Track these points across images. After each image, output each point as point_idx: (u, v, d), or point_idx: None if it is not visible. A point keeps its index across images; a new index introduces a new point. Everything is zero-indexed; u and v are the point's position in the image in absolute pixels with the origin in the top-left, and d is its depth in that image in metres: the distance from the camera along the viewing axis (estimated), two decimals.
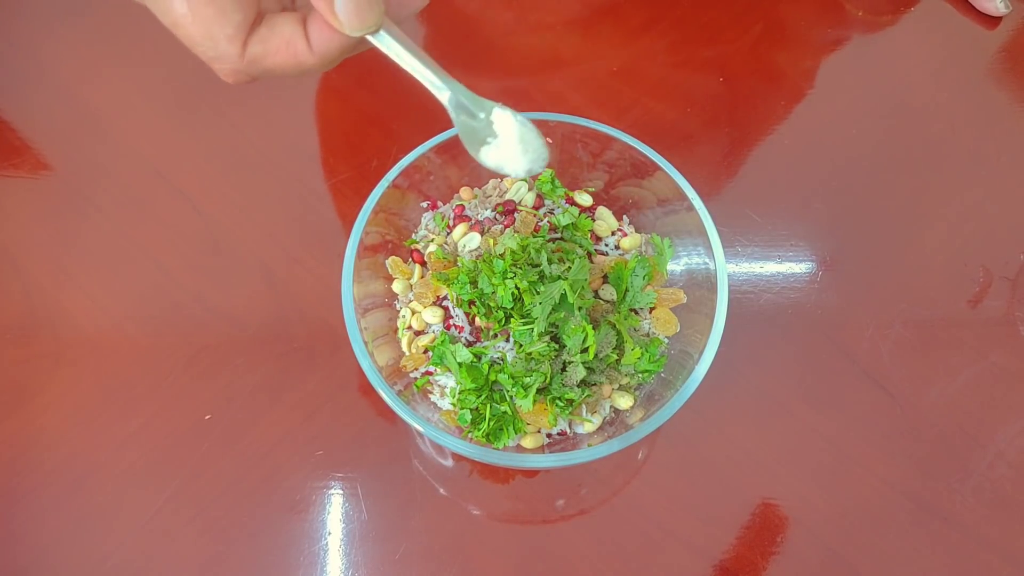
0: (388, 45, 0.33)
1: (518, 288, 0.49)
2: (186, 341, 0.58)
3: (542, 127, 0.54)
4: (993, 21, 0.76)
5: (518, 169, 0.37)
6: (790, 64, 0.74)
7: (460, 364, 0.49)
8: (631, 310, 0.52)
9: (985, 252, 0.63)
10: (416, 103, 0.69)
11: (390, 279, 0.54)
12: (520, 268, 0.50)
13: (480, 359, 0.50)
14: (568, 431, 0.50)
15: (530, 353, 0.48)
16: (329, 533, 0.51)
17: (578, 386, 0.49)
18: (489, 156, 0.37)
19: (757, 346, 0.58)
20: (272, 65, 0.33)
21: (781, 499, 0.53)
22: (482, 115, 0.36)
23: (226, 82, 0.34)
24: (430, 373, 0.51)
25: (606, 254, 0.56)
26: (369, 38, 0.33)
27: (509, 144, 0.37)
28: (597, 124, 0.53)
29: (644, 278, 0.52)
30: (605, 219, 0.57)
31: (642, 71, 0.72)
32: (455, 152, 0.54)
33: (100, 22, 0.73)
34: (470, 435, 0.48)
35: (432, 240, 0.56)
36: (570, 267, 0.50)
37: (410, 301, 0.54)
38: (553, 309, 0.48)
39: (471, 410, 0.49)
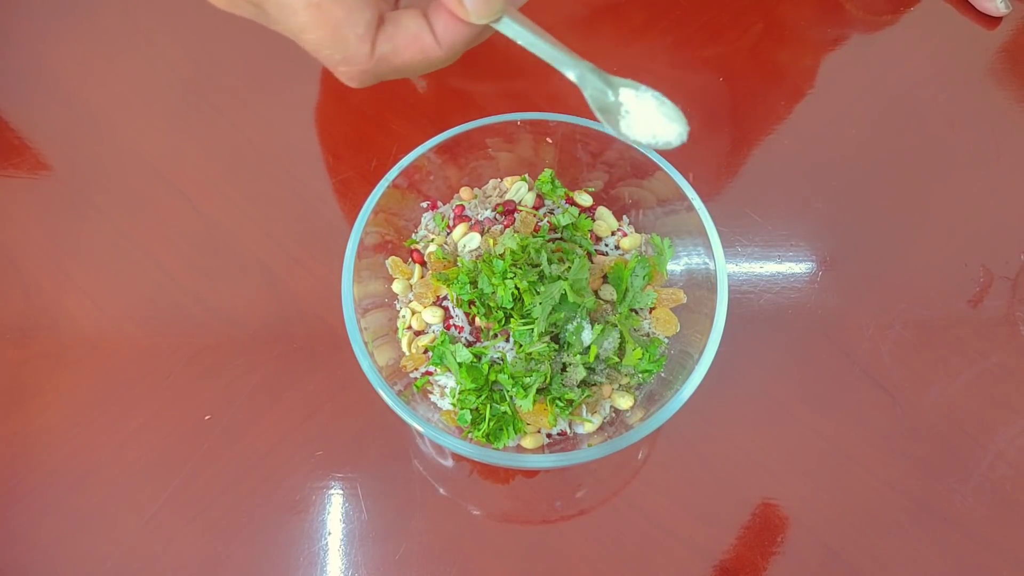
0: (513, 30, 0.33)
1: (518, 288, 0.49)
2: (186, 341, 0.58)
3: (542, 127, 0.54)
4: (993, 21, 0.76)
5: (670, 138, 0.38)
6: (790, 64, 0.74)
7: (460, 364, 0.49)
8: (631, 310, 0.52)
9: (985, 252, 0.63)
10: (416, 103, 0.69)
11: (390, 279, 0.54)
12: (520, 268, 0.50)
13: (480, 359, 0.50)
14: (568, 431, 0.50)
15: (530, 353, 0.48)
16: (329, 533, 0.51)
17: (578, 386, 0.49)
18: (631, 129, 0.37)
19: (757, 346, 0.58)
20: (401, 63, 0.33)
21: (781, 499, 0.53)
22: (611, 92, 0.37)
23: (351, 87, 0.34)
24: (430, 373, 0.51)
25: (606, 254, 0.56)
26: (494, 25, 0.33)
27: (648, 116, 0.37)
28: (597, 124, 0.53)
29: (644, 278, 0.52)
30: (605, 219, 0.57)
31: (642, 71, 0.72)
32: (455, 152, 0.54)
33: (100, 22, 0.73)
34: (470, 435, 0.48)
35: (432, 240, 0.56)
36: (570, 267, 0.50)
37: (410, 301, 0.54)
38: (553, 309, 0.48)
39: (471, 410, 0.49)
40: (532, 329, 0.48)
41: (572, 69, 0.36)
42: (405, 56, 0.32)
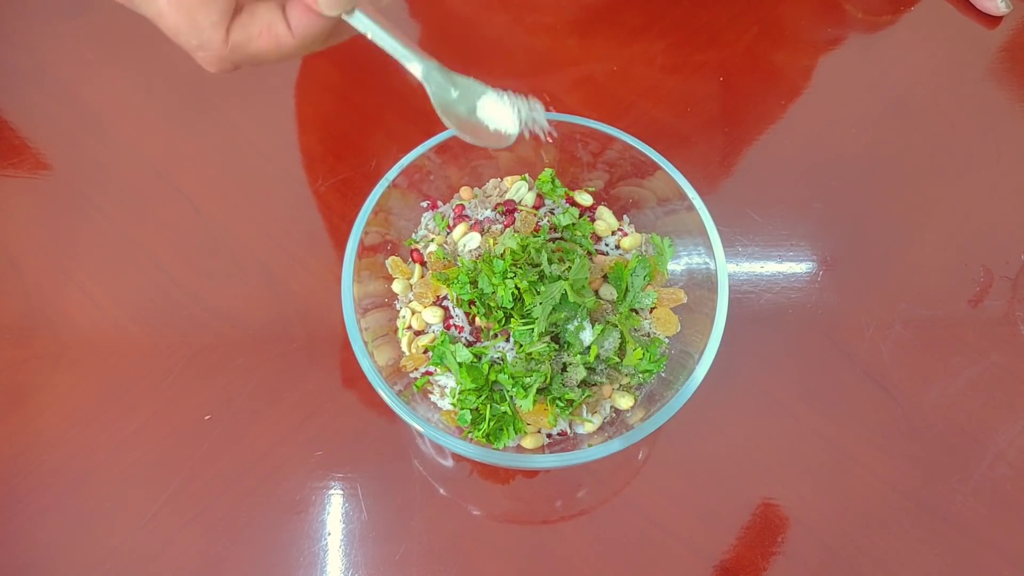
0: (364, 24, 0.35)
1: (518, 288, 0.49)
2: (186, 341, 0.58)
3: None
4: (993, 21, 0.76)
5: (502, 142, 0.40)
6: (789, 64, 0.74)
7: (460, 364, 0.49)
8: (632, 310, 0.52)
9: (985, 252, 0.63)
10: (416, 103, 0.69)
11: (390, 279, 0.54)
12: (520, 268, 0.50)
13: (480, 359, 0.50)
14: (568, 431, 0.50)
15: (530, 353, 0.48)
16: (329, 533, 0.51)
17: (578, 386, 0.49)
18: (463, 127, 0.40)
19: (757, 346, 0.58)
20: (255, 51, 0.34)
21: (781, 499, 0.53)
22: (455, 90, 0.39)
23: (210, 72, 0.36)
24: (430, 373, 0.51)
25: (606, 254, 0.56)
26: (345, 18, 0.34)
27: (485, 116, 0.40)
28: (598, 124, 0.53)
29: (644, 278, 0.52)
30: (605, 219, 0.57)
31: (640, 73, 0.72)
32: (455, 152, 0.54)
33: (100, 22, 0.73)
34: (470, 435, 0.48)
35: (432, 240, 0.56)
36: (570, 267, 0.50)
37: (410, 301, 0.54)
38: (553, 309, 0.48)
39: (471, 410, 0.49)
40: (532, 329, 0.48)
41: (418, 64, 0.37)
42: (259, 44, 0.34)
